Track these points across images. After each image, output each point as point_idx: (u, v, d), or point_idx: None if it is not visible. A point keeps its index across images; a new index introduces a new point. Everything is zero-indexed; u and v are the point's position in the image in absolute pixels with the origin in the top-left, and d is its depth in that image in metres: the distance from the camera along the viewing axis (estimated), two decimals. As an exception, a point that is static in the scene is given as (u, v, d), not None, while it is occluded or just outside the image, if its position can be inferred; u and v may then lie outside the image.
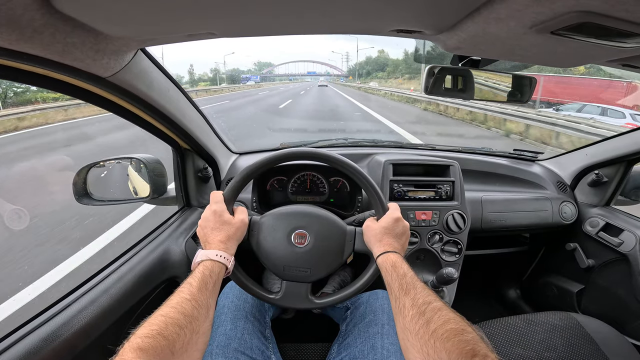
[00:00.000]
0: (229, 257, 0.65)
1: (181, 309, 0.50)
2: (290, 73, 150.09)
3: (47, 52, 0.48)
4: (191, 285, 0.55)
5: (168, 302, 0.52)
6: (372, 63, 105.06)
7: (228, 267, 0.64)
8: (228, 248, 0.66)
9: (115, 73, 0.60)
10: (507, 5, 0.40)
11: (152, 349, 0.43)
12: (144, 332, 0.45)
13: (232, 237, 0.68)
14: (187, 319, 0.49)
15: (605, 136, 1.27)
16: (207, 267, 0.60)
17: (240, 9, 0.49)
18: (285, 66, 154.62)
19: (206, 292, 0.56)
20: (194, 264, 0.63)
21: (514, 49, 0.57)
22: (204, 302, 0.54)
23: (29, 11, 0.40)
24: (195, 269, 0.60)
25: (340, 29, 0.60)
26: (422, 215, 1.09)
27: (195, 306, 0.52)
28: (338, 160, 0.77)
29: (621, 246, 1.14)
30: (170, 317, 0.48)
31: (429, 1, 0.45)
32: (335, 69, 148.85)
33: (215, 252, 0.63)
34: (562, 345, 0.87)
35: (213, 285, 0.58)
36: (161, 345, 0.44)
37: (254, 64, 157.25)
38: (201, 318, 0.52)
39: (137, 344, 0.43)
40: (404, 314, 0.54)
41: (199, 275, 0.58)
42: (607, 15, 0.38)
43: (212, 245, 0.66)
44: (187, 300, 0.52)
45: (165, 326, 0.46)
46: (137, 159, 1.02)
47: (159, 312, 0.49)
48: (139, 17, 0.49)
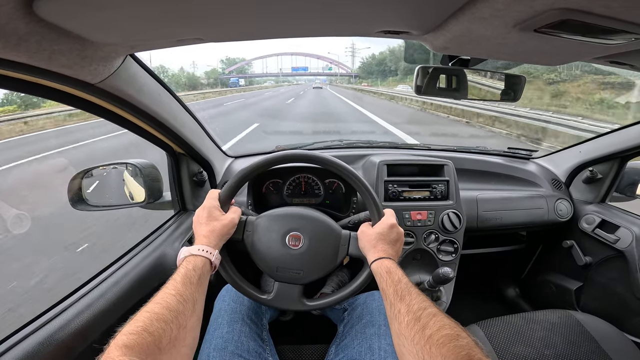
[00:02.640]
0: (211, 250, 0.64)
1: (166, 304, 0.50)
2: (270, 73, 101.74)
3: (34, 60, 0.48)
4: (175, 280, 0.55)
5: (153, 299, 0.51)
6: (383, 61, 74.29)
7: (212, 260, 0.63)
8: (210, 242, 0.66)
9: (105, 79, 0.61)
10: (489, 4, 0.41)
11: (137, 345, 0.43)
12: (128, 329, 0.45)
13: (215, 232, 0.67)
14: (172, 313, 0.49)
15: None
16: (190, 262, 0.60)
17: (227, 14, 0.49)
18: (262, 62, 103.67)
19: (191, 286, 0.56)
20: (178, 260, 0.63)
21: (500, 47, 0.57)
22: (189, 297, 0.54)
23: (13, 20, 0.40)
24: (179, 265, 0.60)
25: (327, 32, 0.60)
26: (418, 215, 1.09)
27: (180, 300, 0.52)
28: (334, 164, 0.77)
29: (617, 243, 1.14)
30: (155, 313, 0.48)
31: (413, 2, 0.46)
32: (340, 66, 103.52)
33: (198, 247, 0.63)
34: (561, 343, 0.87)
35: (198, 279, 0.58)
36: (147, 342, 0.44)
37: (222, 61, 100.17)
38: (187, 312, 0.52)
39: (122, 342, 0.42)
40: (399, 320, 0.54)
41: (182, 270, 0.58)
42: (587, 12, 0.39)
43: (197, 240, 0.66)
44: (172, 295, 0.52)
45: (150, 322, 0.46)
46: (132, 164, 1.03)
47: (144, 309, 0.49)
48: (125, 24, 0.49)
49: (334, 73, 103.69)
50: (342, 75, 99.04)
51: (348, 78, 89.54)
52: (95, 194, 1.00)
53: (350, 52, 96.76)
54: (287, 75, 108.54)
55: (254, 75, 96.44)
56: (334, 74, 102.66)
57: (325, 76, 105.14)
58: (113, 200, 1.08)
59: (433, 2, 0.45)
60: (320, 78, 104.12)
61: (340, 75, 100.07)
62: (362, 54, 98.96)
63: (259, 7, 0.47)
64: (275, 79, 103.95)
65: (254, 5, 0.46)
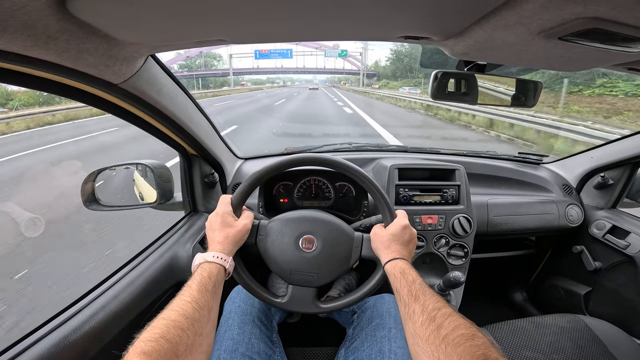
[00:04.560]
0: (226, 257, 0.64)
1: (182, 312, 0.50)
2: (251, 68, 69.60)
3: (61, 59, 0.49)
4: (191, 287, 0.56)
5: (169, 306, 0.52)
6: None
7: (227, 267, 0.64)
8: (225, 248, 0.66)
9: (127, 79, 0.61)
10: (515, 12, 0.41)
11: (155, 352, 0.43)
12: (146, 336, 0.45)
13: (229, 238, 0.68)
14: (188, 321, 0.50)
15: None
16: (205, 269, 0.60)
17: (251, 16, 0.50)
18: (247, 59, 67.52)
19: (206, 293, 0.56)
20: (193, 266, 0.63)
21: (520, 54, 0.57)
22: (204, 304, 0.54)
23: (45, 16, 0.40)
24: (194, 272, 0.61)
25: (349, 36, 0.61)
26: (428, 220, 1.09)
27: (197, 308, 0.52)
28: (346, 167, 0.77)
29: (628, 248, 1.14)
30: (172, 320, 0.48)
31: (437, 8, 0.46)
32: (354, 62, 69.42)
33: (212, 254, 0.63)
34: (570, 348, 0.87)
35: (213, 286, 0.58)
36: (164, 349, 0.44)
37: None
38: (203, 320, 0.52)
39: (140, 348, 0.43)
40: (413, 320, 0.54)
41: (197, 277, 0.58)
42: (614, 21, 0.39)
43: (211, 247, 0.66)
44: (188, 302, 0.52)
45: (168, 329, 0.47)
46: (144, 165, 1.03)
47: (160, 316, 0.49)
48: (152, 22, 0.49)
49: (339, 70, 76.46)
50: (351, 74, 74.35)
51: (359, 78, 64.12)
52: (108, 194, 1.01)
53: (363, 47, 63.75)
54: (277, 72, 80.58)
55: (209, 74, 63.72)
56: (339, 72, 77.80)
57: (331, 74, 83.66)
58: (125, 200, 1.09)
59: (458, 9, 0.45)
60: (319, 77, 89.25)
61: (347, 74, 76.38)
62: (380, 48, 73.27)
63: (280, 9, 0.48)
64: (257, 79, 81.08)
65: (275, 8, 0.47)
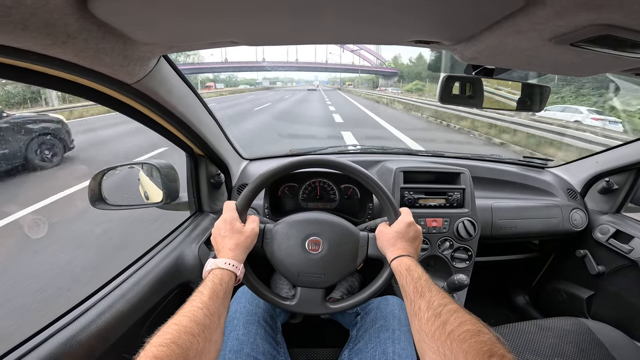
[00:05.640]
0: (237, 264, 0.65)
1: (194, 318, 0.51)
2: (220, 62, 57.03)
3: (79, 58, 0.49)
4: (202, 294, 0.56)
5: (181, 311, 0.52)
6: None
7: (238, 275, 0.64)
8: (237, 255, 0.67)
9: (140, 80, 0.62)
10: (529, 18, 0.41)
11: (167, 357, 0.43)
12: (158, 341, 0.45)
13: (241, 245, 0.69)
14: (199, 327, 0.50)
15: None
16: (217, 276, 0.61)
17: (264, 18, 0.50)
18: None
19: (217, 300, 0.56)
20: (204, 272, 0.64)
21: (530, 59, 0.57)
22: (215, 311, 0.54)
23: (65, 15, 0.40)
24: (205, 278, 0.61)
25: (360, 39, 0.61)
26: (433, 223, 1.09)
27: (207, 314, 0.53)
28: (350, 168, 0.77)
29: (631, 253, 1.15)
30: (183, 326, 0.49)
31: (451, 14, 0.46)
32: (366, 56, 58.24)
33: (224, 260, 0.64)
34: (572, 351, 0.87)
35: (224, 293, 0.59)
36: (175, 354, 0.45)
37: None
38: (213, 326, 0.53)
39: (152, 353, 0.43)
40: (419, 316, 0.54)
41: (209, 284, 0.58)
42: (627, 28, 0.39)
43: (222, 253, 0.67)
44: (199, 308, 0.53)
45: (179, 335, 0.47)
46: (149, 164, 1.04)
47: (172, 321, 0.50)
48: (168, 23, 0.50)
49: (350, 67, 62.80)
50: (366, 72, 60.70)
51: (373, 78, 52.24)
52: (114, 193, 1.01)
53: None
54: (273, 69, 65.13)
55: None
56: (349, 68, 63.60)
57: (334, 71, 67.72)
58: (131, 199, 1.09)
59: (471, 14, 0.45)
60: (319, 77, 73.61)
61: (362, 72, 61.75)
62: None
63: (295, 13, 0.48)
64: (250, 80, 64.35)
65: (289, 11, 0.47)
